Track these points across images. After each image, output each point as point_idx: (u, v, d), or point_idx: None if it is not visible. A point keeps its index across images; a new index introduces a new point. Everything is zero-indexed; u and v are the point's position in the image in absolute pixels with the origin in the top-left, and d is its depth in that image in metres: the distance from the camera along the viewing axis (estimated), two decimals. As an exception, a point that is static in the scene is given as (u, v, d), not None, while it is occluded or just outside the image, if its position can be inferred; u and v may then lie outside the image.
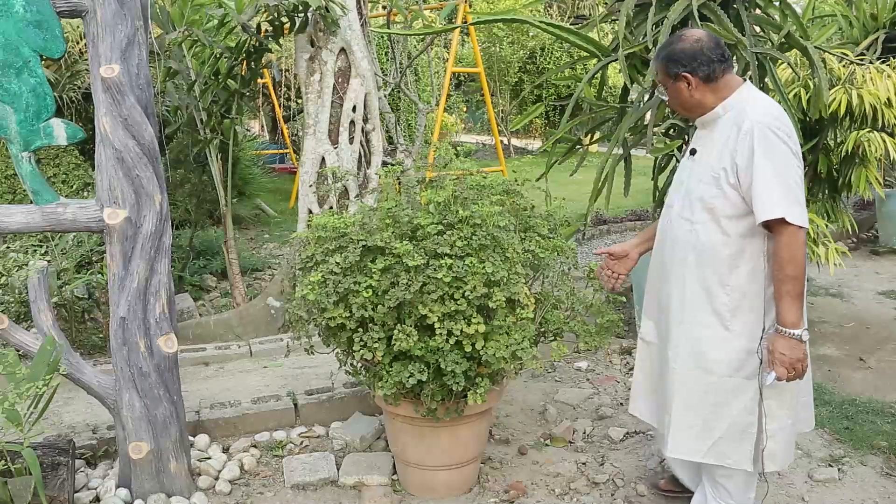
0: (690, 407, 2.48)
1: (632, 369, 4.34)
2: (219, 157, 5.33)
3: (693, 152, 2.51)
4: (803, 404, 2.59)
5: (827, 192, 4.87)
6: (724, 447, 2.45)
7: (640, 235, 2.91)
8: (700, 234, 2.40)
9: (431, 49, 10.22)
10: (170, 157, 5.54)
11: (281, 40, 4.93)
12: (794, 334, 2.26)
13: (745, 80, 2.47)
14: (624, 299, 3.41)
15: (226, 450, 3.42)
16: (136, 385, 2.84)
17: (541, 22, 4.72)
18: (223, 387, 3.96)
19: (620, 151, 4.44)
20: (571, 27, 4.75)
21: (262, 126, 14.43)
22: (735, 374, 2.41)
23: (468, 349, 2.67)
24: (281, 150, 12.17)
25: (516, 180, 3.27)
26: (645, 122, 4.36)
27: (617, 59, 4.09)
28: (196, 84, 4.99)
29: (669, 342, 2.54)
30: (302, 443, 3.49)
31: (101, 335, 4.42)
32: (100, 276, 4.40)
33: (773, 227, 2.25)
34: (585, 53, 4.70)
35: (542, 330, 3.07)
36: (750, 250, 2.35)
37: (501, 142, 11.68)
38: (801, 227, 2.22)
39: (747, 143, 2.27)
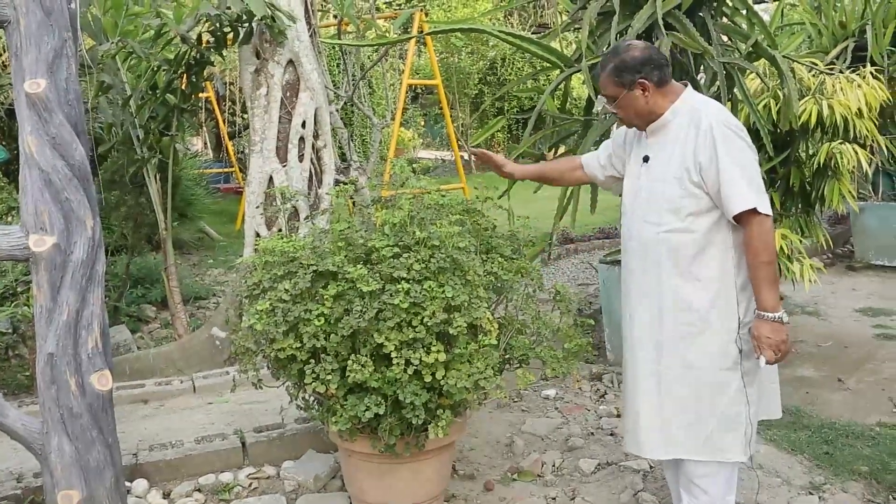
0: (681, 405, 2.60)
1: (603, 396, 4.37)
2: (157, 177, 5.27)
3: (646, 159, 2.67)
4: (771, 391, 2.75)
5: (800, 206, 4.99)
6: (717, 441, 2.58)
7: (528, 165, 3.25)
8: (668, 235, 2.57)
9: (386, 60, 10.27)
10: (103, 179, 5.46)
11: (224, 52, 4.91)
12: (775, 317, 2.46)
13: (685, 84, 2.67)
14: (593, 322, 3.44)
15: (167, 495, 3.35)
16: (65, 427, 2.76)
17: (500, 31, 4.79)
18: (164, 426, 3.89)
19: (586, 166, 4.49)
20: (532, 37, 4.82)
21: (206, 143, 14.33)
22: (719, 367, 2.56)
23: (428, 379, 2.65)
24: (226, 169, 12.09)
25: (477, 198, 3.28)
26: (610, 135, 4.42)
27: (580, 70, 4.15)
28: (132, 99, 4.93)
29: (646, 345, 2.65)
30: (251, 485, 3.43)
31: (27, 373, 4.32)
32: (25, 308, 4.29)
33: (744, 218, 2.45)
34: (548, 64, 4.77)
35: (507, 357, 3.07)
36: (717, 244, 2.54)
37: (462, 157, 11.75)
38: (768, 215, 2.44)
39: (708, 141, 2.47)
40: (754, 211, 2.42)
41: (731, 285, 2.54)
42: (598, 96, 2.72)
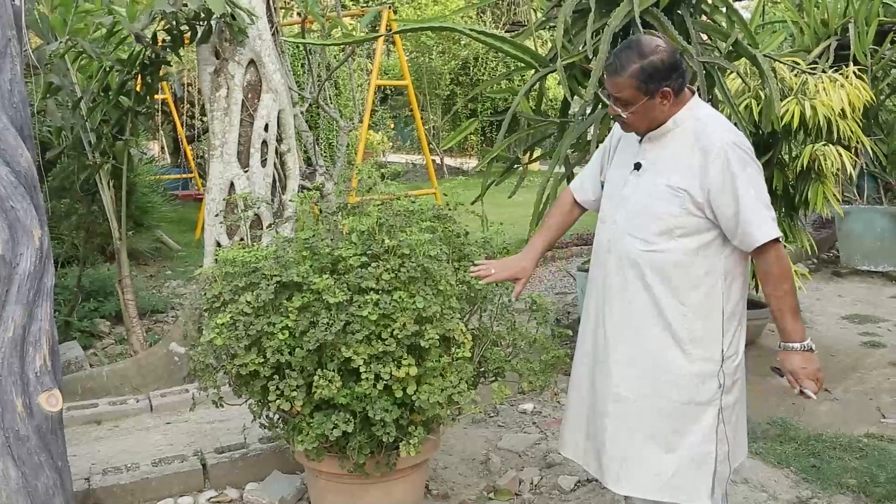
0: (644, 437, 2.51)
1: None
2: (111, 183, 5.22)
3: (637, 166, 2.54)
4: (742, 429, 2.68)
5: (784, 210, 5.06)
6: (680, 481, 2.48)
7: (537, 241, 2.85)
8: (658, 254, 2.45)
9: (353, 60, 10.27)
10: (52, 186, 5.40)
11: (182, 51, 4.88)
12: (805, 346, 2.45)
13: (693, 91, 2.55)
14: (571, 333, 3.45)
15: (122, 522, 3.31)
16: (11, 452, 2.72)
17: (472, 30, 4.81)
18: (119, 448, 3.84)
19: (563, 170, 4.53)
20: (506, 36, 4.85)
21: (163, 148, 14.21)
22: (694, 400, 2.46)
23: (399, 394, 2.65)
24: (184, 175, 11.99)
25: (448, 204, 3.29)
26: (588, 138, 4.46)
27: (556, 70, 4.18)
28: (82, 101, 4.88)
29: (613, 367, 2.55)
30: (212, 509, 3.41)
31: (-29, 393, 4.24)
32: (-31, 324, 4.23)
33: (764, 248, 2.40)
34: (522, 64, 4.80)
35: (482, 370, 3.08)
36: (708, 270, 2.44)
37: (433, 161, 11.78)
38: (779, 240, 2.42)
39: (722, 164, 2.36)
40: (774, 240, 2.38)
41: (718, 314, 2.45)
42: (604, 95, 2.58)
